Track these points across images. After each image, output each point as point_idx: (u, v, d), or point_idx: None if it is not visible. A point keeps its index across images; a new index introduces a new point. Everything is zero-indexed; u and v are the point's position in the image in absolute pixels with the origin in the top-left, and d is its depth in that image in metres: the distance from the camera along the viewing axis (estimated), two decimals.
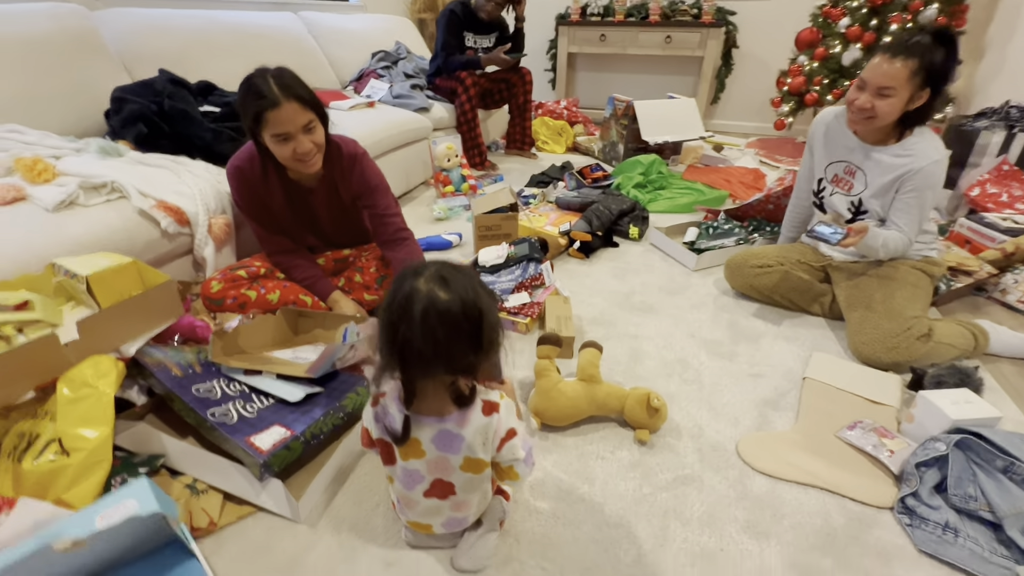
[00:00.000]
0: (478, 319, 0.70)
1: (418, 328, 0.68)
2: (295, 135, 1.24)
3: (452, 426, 0.78)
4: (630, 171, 2.70)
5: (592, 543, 0.96)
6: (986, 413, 1.08)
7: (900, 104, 1.34)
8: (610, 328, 1.59)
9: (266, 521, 0.99)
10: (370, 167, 1.49)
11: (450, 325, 0.68)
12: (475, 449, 0.79)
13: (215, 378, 1.11)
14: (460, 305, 0.68)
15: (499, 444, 0.81)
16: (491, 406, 0.80)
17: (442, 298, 0.68)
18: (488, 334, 0.72)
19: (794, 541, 0.96)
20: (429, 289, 0.68)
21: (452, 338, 0.69)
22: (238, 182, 1.38)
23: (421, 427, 0.79)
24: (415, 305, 0.68)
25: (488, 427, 0.79)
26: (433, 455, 0.80)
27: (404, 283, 0.70)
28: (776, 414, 1.26)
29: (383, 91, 2.87)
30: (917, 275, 1.48)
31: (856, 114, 1.41)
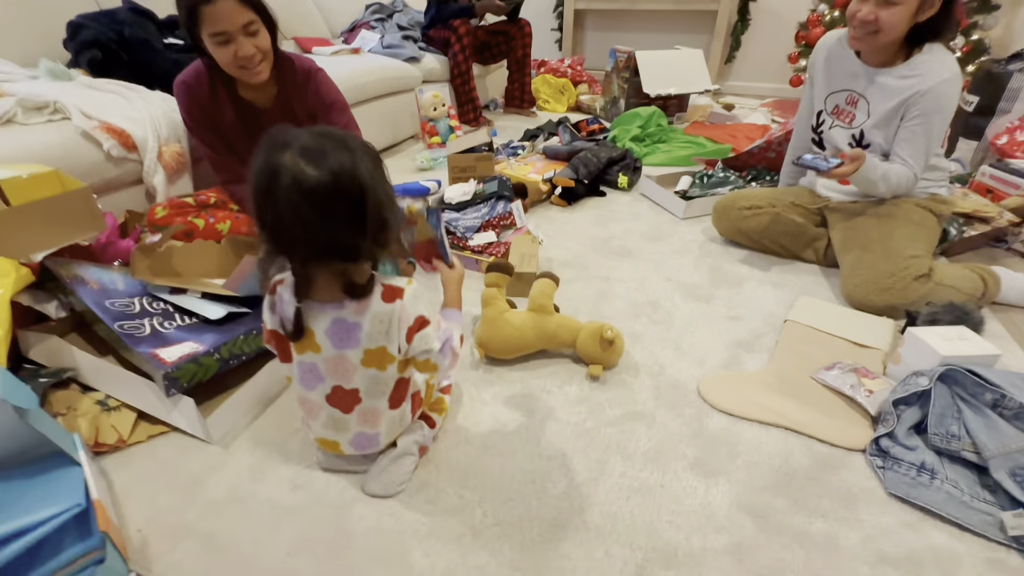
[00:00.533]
0: (357, 196, 0.61)
1: (284, 210, 0.59)
2: (235, 36, 1.16)
3: (349, 314, 0.70)
4: (628, 124, 2.55)
5: (520, 473, 0.87)
6: (983, 350, 0.95)
7: (907, 14, 1.18)
8: (580, 270, 1.48)
9: (179, 441, 0.94)
10: (326, 83, 1.41)
11: (320, 206, 0.59)
12: (375, 338, 0.71)
13: (138, 295, 1.06)
14: (331, 181, 0.59)
15: (407, 335, 0.73)
16: (393, 292, 0.71)
17: (309, 175, 0.58)
18: (374, 215, 0.63)
19: (746, 480, 0.86)
20: (294, 164, 0.59)
21: (325, 219, 0.60)
22: (185, 98, 1.31)
23: (316, 316, 0.71)
24: (279, 184, 0.59)
25: (390, 315, 0.71)
26: (330, 352, 0.73)
27: (268, 157, 0.60)
28: (749, 356, 1.15)
29: (374, 42, 2.77)
30: (921, 213, 1.33)
31: (858, 28, 1.25)
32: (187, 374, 0.90)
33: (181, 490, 0.85)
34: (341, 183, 0.60)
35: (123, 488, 0.85)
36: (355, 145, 0.63)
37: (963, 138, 2.17)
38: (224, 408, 0.93)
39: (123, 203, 1.43)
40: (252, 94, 1.35)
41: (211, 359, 0.93)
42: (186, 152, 1.50)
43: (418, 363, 0.77)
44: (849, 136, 1.41)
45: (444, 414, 0.96)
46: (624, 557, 0.74)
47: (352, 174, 0.60)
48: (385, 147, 2.54)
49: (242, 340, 0.98)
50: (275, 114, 1.37)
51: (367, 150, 0.65)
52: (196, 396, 0.92)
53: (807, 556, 0.74)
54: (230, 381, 1.00)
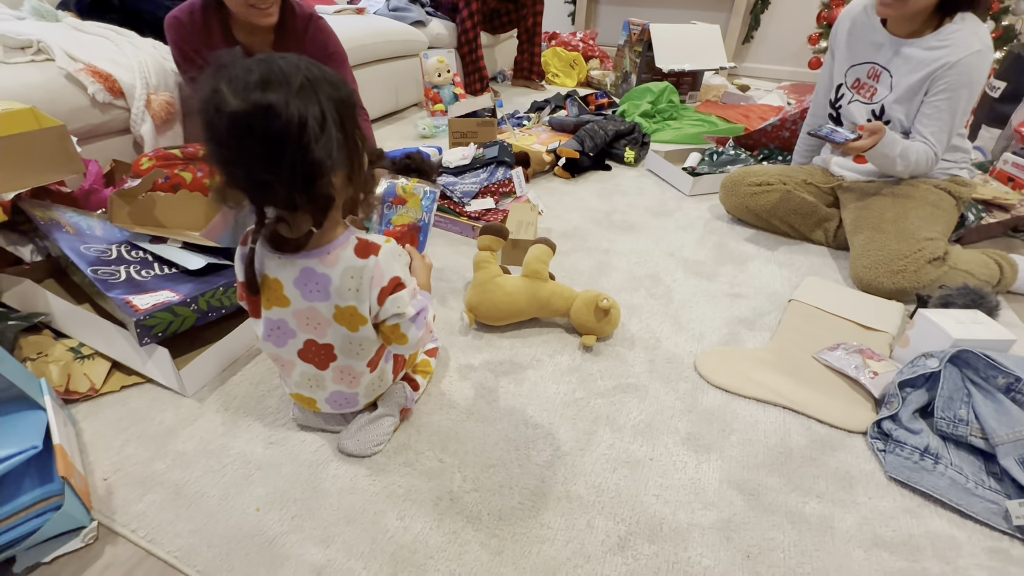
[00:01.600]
0: (275, 134, 0.52)
1: (210, 141, 0.54)
2: None
3: (317, 264, 0.65)
4: (638, 99, 2.46)
5: (503, 440, 0.83)
6: (997, 335, 0.90)
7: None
8: (580, 242, 1.43)
9: (152, 393, 0.91)
10: (325, 31, 1.37)
11: (232, 138, 0.53)
12: (344, 295, 0.66)
13: (116, 243, 1.01)
14: (246, 115, 0.51)
15: (379, 295, 0.67)
16: (368, 247, 0.66)
17: (227, 103, 0.52)
18: (298, 158, 0.53)
19: (739, 457, 0.82)
20: (218, 91, 0.52)
21: (238, 154, 0.54)
22: (176, 33, 1.28)
23: (281, 264, 0.66)
24: (207, 112, 0.53)
25: (361, 271, 0.65)
26: (300, 305, 0.68)
27: (205, 82, 0.54)
28: (749, 333, 1.10)
29: (380, 3, 2.67)
30: (939, 194, 1.27)
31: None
32: (162, 323, 0.86)
33: (151, 441, 0.82)
34: (254, 115, 0.51)
35: (92, 437, 0.82)
36: (303, 79, 0.54)
37: (986, 125, 2.09)
38: (200, 361, 0.90)
39: (110, 152, 1.39)
40: (248, 38, 1.30)
41: (187, 309, 0.89)
42: (176, 102, 1.44)
43: (387, 329, 0.70)
44: (868, 112, 1.34)
45: (429, 377, 0.93)
46: (607, 529, 0.71)
47: (272, 108, 0.51)
48: (387, 113, 2.47)
49: (222, 292, 0.94)
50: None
51: (324, 87, 0.55)
52: (173, 348, 0.88)
53: (799, 536, 0.71)
54: (209, 335, 0.96)
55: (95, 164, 1.26)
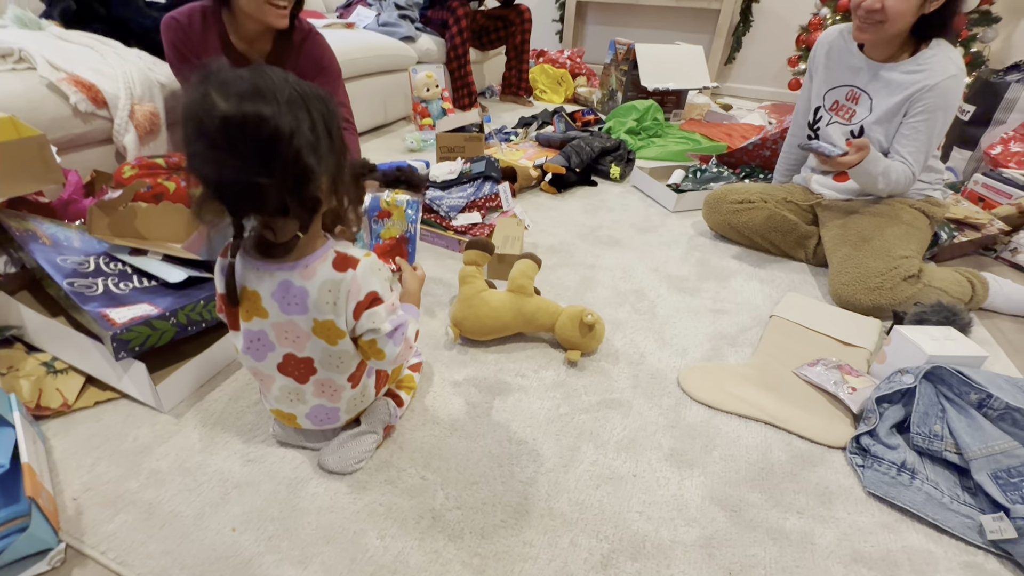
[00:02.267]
0: (266, 137, 0.53)
1: (194, 145, 0.54)
2: None
3: (295, 277, 0.65)
4: (624, 116, 2.51)
5: (487, 457, 0.83)
6: (970, 351, 0.93)
7: (914, 3, 1.15)
8: (566, 257, 1.44)
9: (127, 408, 0.88)
10: (321, 45, 1.40)
11: (218, 141, 0.53)
12: (322, 309, 0.66)
13: (95, 254, 1.00)
14: (237, 119, 0.52)
15: (355, 310, 0.67)
16: (347, 260, 0.66)
17: (216, 107, 0.52)
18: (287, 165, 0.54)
19: (721, 473, 0.82)
20: (207, 95, 0.53)
21: (223, 157, 0.53)
22: (172, 33, 1.28)
23: (260, 276, 0.66)
24: (192, 116, 0.54)
25: (339, 284, 0.65)
26: (279, 318, 0.67)
27: (191, 88, 0.54)
28: (732, 349, 1.12)
29: (370, 19, 2.69)
30: (914, 214, 1.31)
31: (864, 18, 1.21)
32: (139, 337, 0.84)
33: (124, 459, 0.79)
34: (247, 118, 0.52)
35: (63, 454, 0.80)
36: (291, 90, 0.55)
37: (957, 147, 2.16)
38: (178, 376, 0.88)
39: (91, 162, 1.37)
40: (246, 45, 1.32)
41: (166, 323, 0.87)
42: (161, 113, 1.43)
43: (364, 344, 0.70)
44: (847, 132, 1.38)
45: (412, 393, 0.92)
46: (590, 547, 0.71)
47: (267, 112, 0.53)
48: (376, 126, 2.48)
49: (202, 306, 0.93)
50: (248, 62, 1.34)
51: (312, 100, 0.57)
52: (150, 363, 0.87)
53: (780, 552, 0.71)
54: (188, 349, 0.94)
55: (75, 174, 1.24)
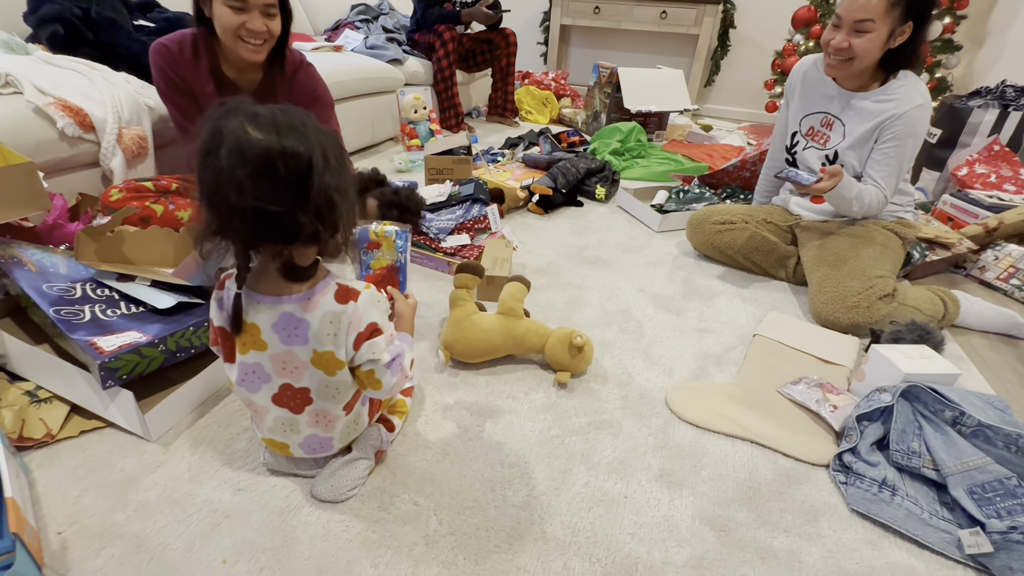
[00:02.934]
0: (302, 170, 0.57)
1: (224, 173, 0.55)
2: (250, 8, 1.16)
3: (297, 309, 0.66)
4: (608, 138, 2.57)
5: (479, 481, 0.83)
6: (943, 369, 0.96)
7: (880, 41, 1.22)
8: (554, 277, 1.47)
9: (113, 438, 0.87)
10: (315, 76, 1.42)
11: (260, 170, 0.55)
12: (323, 340, 0.67)
13: (81, 281, 0.99)
14: (278, 148, 0.55)
15: (356, 341, 0.68)
16: (348, 292, 0.67)
17: (253, 137, 0.55)
18: (319, 192, 0.58)
19: (710, 493, 0.84)
20: (238, 127, 0.56)
21: (264, 187, 0.56)
22: (162, 60, 1.27)
23: (259, 310, 0.67)
24: (221, 146, 0.55)
25: (340, 316, 0.66)
26: (277, 349, 0.68)
27: (217, 119, 0.57)
28: (717, 368, 1.14)
29: (357, 42, 2.73)
30: (887, 235, 1.36)
31: (833, 56, 1.28)
32: (127, 365, 0.84)
33: (111, 490, 0.78)
34: (286, 151, 0.56)
35: (46, 487, 0.78)
36: (313, 125, 0.60)
37: (926, 168, 2.26)
38: (166, 404, 0.87)
39: (77, 185, 1.36)
40: (235, 74, 1.33)
41: (155, 350, 0.87)
42: (149, 137, 1.43)
43: (362, 374, 0.71)
44: (823, 156, 1.44)
45: (404, 417, 0.92)
46: (583, 570, 0.71)
47: (300, 145, 0.57)
48: (364, 147, 2.50)
49: (191, 332, 0.92)
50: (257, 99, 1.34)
51: (326, 133, 0.61)
52: (138, 390, 0.86)
53: (768, 571, 0.73)
54: (177, 376, 0.94)
55: (60, 198, 1.23)
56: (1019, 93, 2.08)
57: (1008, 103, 2.07)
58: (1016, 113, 2.01)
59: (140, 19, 1.72)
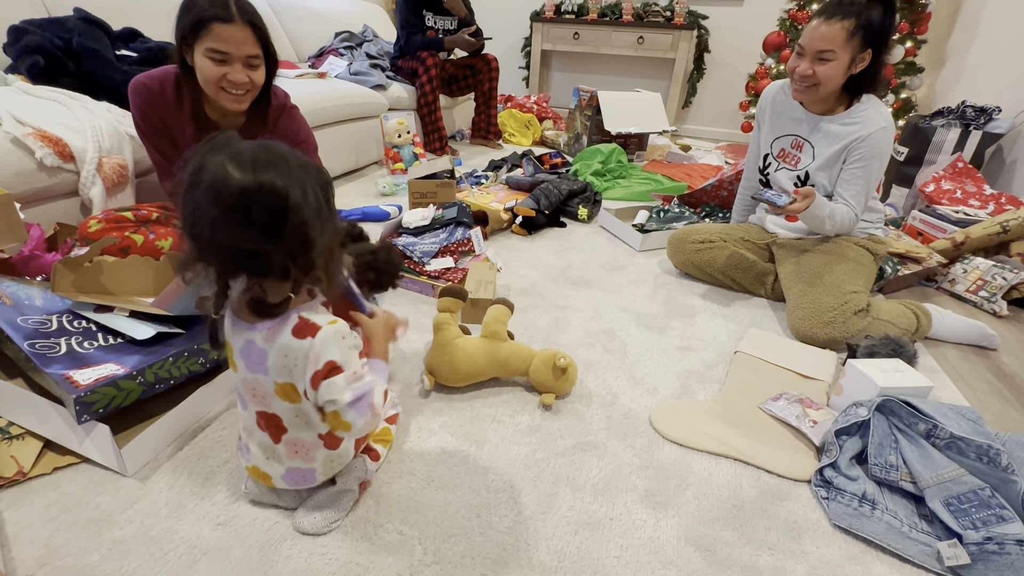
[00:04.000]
0: (276, 210, 0.57)
1: (201, 208, 0.57)
2: (233, 61, 1.14)
3: (258, 338, 0.66)
4: (589, 159, 2.62)
5: (464, 507, 0.83)
6: (916, 382, 0.99)
7: (842, 68, 1.28)
8: (538, 298, 1.48)
9: (88, 473, 0.85)
10: (298, 120, 1.41)
11: (233, 208, 0.56)
12: (280, 372, 0.67)
13: (57, 313, 0.97)
14: (254, 187, 0.56)
15: (313, 379, 0.65)
16: (307, 327, 0.65)
17: (231, 176, 0.56)
18: (294, 232, 0.58)
19: (695, 512, 0.84)
20: (221, 164, 0.57)
21: (235, 224, 0.57)
22: (142, 99, 1.23)
23: (236, 332, 0.68)
24: (201, 180, 0.57)
25: (295, 351, 0.65)
26: (246, 374, 0.68)
27: (201, 156, 0.58)
28: (700, 386, 1.15)
29: (341, 68, 2.77)
30: (859, 251, 1.41)
31: (798, 82, 1.34)
32: (104, 399, 0.82)
33: (85, 529, 0.76)
34: (263, 188, 0.56)
35: (16, 527, 0.76)
36: (297, 163, 0.60)
37: (896, 185, 2.34)
38: (144, 437, 0.86)
39: (54, 215, 1.35)
40: (218, 117, 1.30)
41: (133, 382, 0.86)
42: (130, 165, 1.43)
43: (327, 416, 0.67)
44: (794, 177, 1.49)
45: (389, 446, 0.92)
46: None
47: (278, 181, 0.57)
48: (348, 171, 2.52)
49: (171, 363, 0.91)
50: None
51: (312, 172, 0.62)
52: (114, 423, 0.84)
53: None
54: (155, 407, 0.92)
55: (37, 228, 1.22)
56: (978, 113, 2.18)
57: (968, 122, 2.16)
58: (976, 132, 2.10)
59: (123, 49, 1.73)
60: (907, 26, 2.76)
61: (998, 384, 1.23)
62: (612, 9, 3.82)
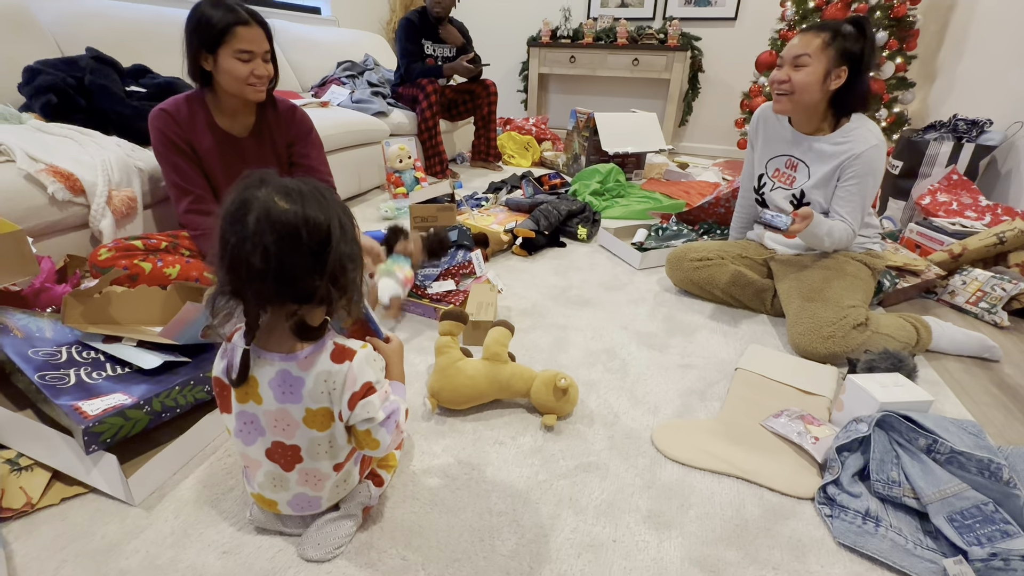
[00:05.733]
0: (322, 239, 0.63)
1: (249, 238, 0.60)
2: (255, 57, 1.29)
3: (294, 367, 0.68)
4: (588, 179, 2.66)
5: (468, 531, 0.83)
6: (916, 396, 0.99)
7: (816, 78, 1.30)
8: (538, 319, 1.49)
9: (95, 503, 0.86)
10: (308, 118, 1.56)
11: (285, 237, 0.60)
12: (317, 398, 0.69)
13: (67, 344, 1.00)
14: (302, 219, 0.61)
15: (351, 400, 0.69)
16: (344, 352, 0.69)
17: (280, 207, 0.60)
18: (335, 259, 0.64)
19: (698, 532, 0.84)
20: (267, 197, 0.61)
21: (287, 252, 0.61)
22: (162, 123, 1.35)
23: (262, 365, 0.69)
24: (249, 213, 0.60)
25: (335, 376, 0.68)
26: (272, 406, 0.69)
27: (243, 190, 0.62)
28: (701, 404, 1.16)
29: (343, 96, 2.84)
30: (857, 266, 1.42)
31: (775, 88, 1.37)
32: (111, 429, 0.84)
33: (91, 559, 0.77)
34: (310, 221, 0.62)
35: (24, 559, 0.77)
36: (331, 197, 0.66)
37: (892, 198, 2.36)
38: (150, 466, 0.87)
39: (65, 247, 1.38)
40: (229, 122, 1.43)
41: (140, 412, 0.87)
42: (139, 197, 1.47)
43: (359, 434, 0.72)
44: (789, 195, 1.51)
45: (393, 471, 0.92)
46: None
47: (320, 215, 0.63)
48: (350, 196, 2.56)
49: (177, 391, 0.93)
50: (252, 142, 1.47)
51: (342, 206, 0.67)
52: (121, 452, 0.86)
53: None
54: (161, 436, 0.94)
55: (48, 261, 1.25)
56: (970, 126, 2.21)
57: (961, 135, 2.19)
58: (969, 145, 2.12)
59: (132, 85, 1.79)
60: (896, 43, 2.81)
61: (1002, 396, 1.23)
62: (607, 33, 3.91)
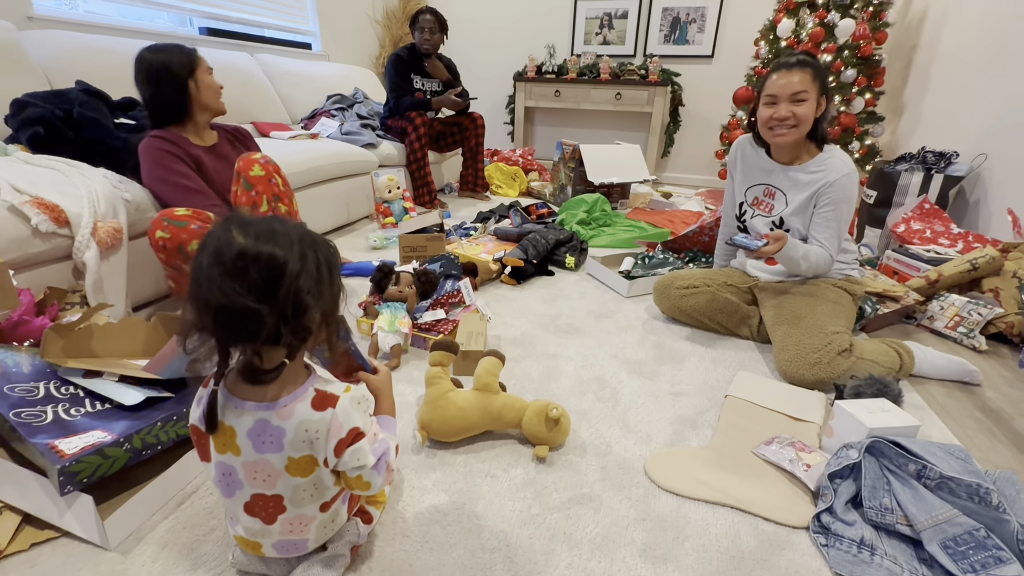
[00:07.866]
0: (275, 272, 0.59)
1: (204, 271, 0.59)
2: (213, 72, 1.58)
3: (274, 417, 0.66)
4: (575, 209, 2.71)
5: (460, 570, 0.80)
6: (903, 421, 1.00)
7: (813, 108, 1.37)
8: (529, 348, 1.49)
9: (68, 548, 0.82)
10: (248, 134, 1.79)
11: (231, 269, 0.58)
12: (299, 447, 0.66)
13: (45, 379, 0.97)
14: (253, 251, 0.58)
15: (336, 448, 0.66)
16: (325, 399, 0.67)
17: (235, 240, 0.59)
18: (287, 295, 0.60)
19: (694, 565, 0.83)
20: (226, 230, 0.60)
21: (232, 284, 0.58)
22: (160, 143, 1.48)
23: (237, 414, 0.66)
24: (206, 248, 0.59)
25: (317, 424, 0.66)
26: (250, 456, 0.67)
27: (213, 227, 0.62)
28: (693, 432, 1.16)
29: (333, 128, 2.88)
30: (837, 292, 1.45)
31: (778, 125, 1.41)
32: (88, 468, 0.80)
33: None
34: (261, 253, 0.59)
35: None
36: (301, 235, 0.63)
37: (869, 226, 2.44)
38: (128, 507, 0.83)
39: (46, 279, 1.35)
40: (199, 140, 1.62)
41: (119, 450, 0.84)
42: (124, 228, 1.45)
43: (348, 479, 0.70)
44: (769, 223, 1.55)
45: (382, 507, 0.90)
46: None
47: (277, 249, 0.60)
48: (339, 226, 2.57)
49: (159, 427, 0.90)
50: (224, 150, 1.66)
51: (319, 245, 0.64)
52: (98, 493, 0.82)
53: None
54: (140, 475, 0.90)
55: (28, 293, 1.22)
56: (938, 158, 2.31)
57: (930, 167, 2.29)
58: (938, 175, 2.22)
59: (121, 117, 1.80)
60: (864, 79, 2.96)
61: (985, 420, 1.25)
62: (590, 69, 4.05)
